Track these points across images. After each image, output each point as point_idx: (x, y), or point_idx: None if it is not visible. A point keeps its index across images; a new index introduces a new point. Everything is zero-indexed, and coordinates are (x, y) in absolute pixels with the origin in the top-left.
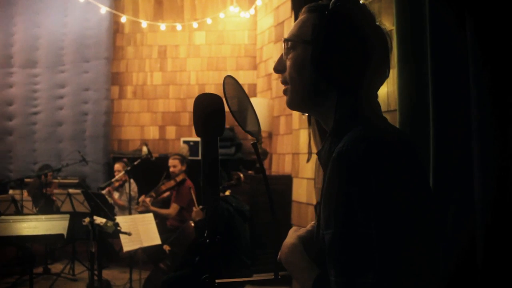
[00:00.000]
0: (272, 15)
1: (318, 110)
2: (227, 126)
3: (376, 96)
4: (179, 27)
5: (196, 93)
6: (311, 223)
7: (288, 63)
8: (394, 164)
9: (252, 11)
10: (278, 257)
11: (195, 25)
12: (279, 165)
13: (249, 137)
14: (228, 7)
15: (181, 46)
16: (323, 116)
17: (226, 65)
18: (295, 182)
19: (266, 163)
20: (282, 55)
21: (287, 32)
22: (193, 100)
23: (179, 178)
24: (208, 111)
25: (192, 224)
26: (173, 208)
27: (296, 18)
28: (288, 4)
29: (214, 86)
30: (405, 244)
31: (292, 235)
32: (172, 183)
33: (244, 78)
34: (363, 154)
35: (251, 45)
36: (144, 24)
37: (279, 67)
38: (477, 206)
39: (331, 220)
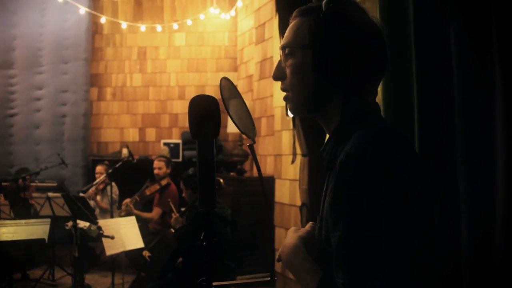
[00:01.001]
0: (252, 17)
1: (321, 113)
2: None
3: (376, 93)
4: (159, 28)
5: (176, 94)
6: (310, 223)
7: (288, 70)
8: (402, 166)
9: (232, 12)
10: (277, 257)
11: (175, 26)
12: (261, 166)
13: (230, 138)
14: (208, 8)
15: (161, 47)
16: (325, 118)
17: (206, 66)
18: (278, 183)
19: (247, 165)
20: (279, 62)
21: (268, 34)
22: (173, 102)
23: (164, 182)
24: (204, 113)
25: (172, 231)
26: (156, 212)
27: (281, 21)
28: (269, 6)
29: (194, 88)
30: (413, 246)
31: (292, 236)
32: (156, 186)
33: None
34: (372, 157)
35: (231, 46)
36: (123, 25)
37: (278, 75)
38: (462, 210)
39: (339, 222)
